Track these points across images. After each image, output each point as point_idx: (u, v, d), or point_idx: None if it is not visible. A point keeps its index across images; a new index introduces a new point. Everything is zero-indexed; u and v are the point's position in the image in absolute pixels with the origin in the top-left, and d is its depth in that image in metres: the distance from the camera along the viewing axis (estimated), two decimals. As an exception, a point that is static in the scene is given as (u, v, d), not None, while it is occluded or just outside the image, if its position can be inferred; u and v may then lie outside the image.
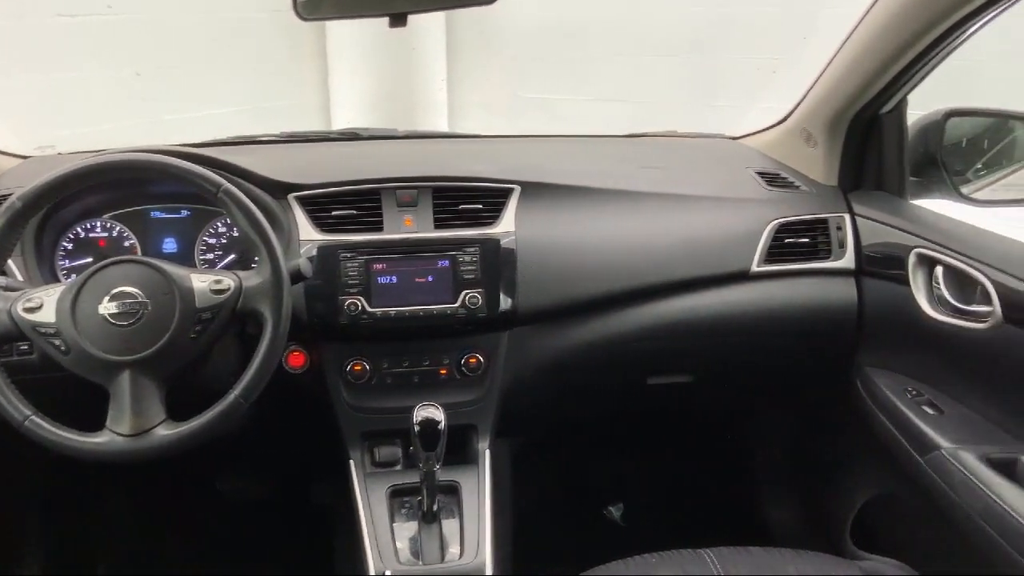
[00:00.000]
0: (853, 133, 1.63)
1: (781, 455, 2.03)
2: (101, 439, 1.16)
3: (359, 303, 1.40)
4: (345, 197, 1.46)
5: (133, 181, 1.41)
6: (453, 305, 1.43)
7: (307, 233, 1.42)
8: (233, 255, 1.52)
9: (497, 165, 1.58)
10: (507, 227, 1.47)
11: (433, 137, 1.98)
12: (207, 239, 1.51)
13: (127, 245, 1.50)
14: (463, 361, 1.48)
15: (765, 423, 2.05)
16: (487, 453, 1.50)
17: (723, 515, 2.14)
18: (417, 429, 1.24)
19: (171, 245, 1.52)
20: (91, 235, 1.50)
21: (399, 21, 1.08)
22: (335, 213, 1.45)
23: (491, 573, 1.32)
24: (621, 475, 2.21)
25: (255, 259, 1.27)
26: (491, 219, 1.47)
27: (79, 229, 1.49)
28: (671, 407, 1.85)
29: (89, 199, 1.48)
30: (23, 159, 1.68)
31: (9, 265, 1.34)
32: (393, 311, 1.41)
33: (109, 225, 1.50)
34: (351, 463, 1.47)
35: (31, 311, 1.17)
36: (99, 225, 1.49)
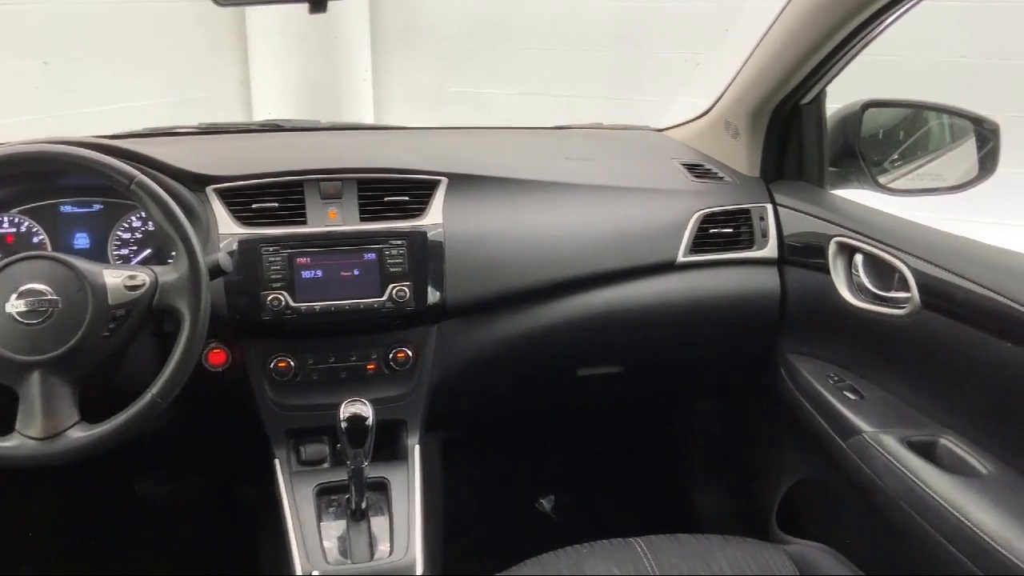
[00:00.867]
0: (774, 124, 1.65)
1: (709, 443, 2.06)
2: (10, 443, 1.12)
3: (282, 298, 1.37)
4: (266, 189, 1.42)
5: (42, 174, 1.36)
6: (380, 299, 1.40)
7: (227, 227, 1.38)
8: (149, 250, 1.46)
9: (423, 157, 1.56)
10: (434, 219, 1.45)
11: (358, 129, 1.95)
12: (121, 234, 1.45)
13: (36, 241, 1.43)
14: (391, 356, 1.45)
15: (693, 412, 2.08)
16: (417, 449, 1.48)
17: (654, 504, 2.16)
18: (344, 426, 1.22)
19: (83, 240, 1.45)
20: None
21: (319, 7, 1.05)
22: (256, 206, 1.40)
23: (421, 570, 1.30)
24: (552, 467, 2.21)
25: (172, 254, 1.23)
26: (418, 211, 1.45)
27: None
28: (601, 398, 1.85)
29: None
30: None
31: None
32: (318, 306, 1.38)
33: (17, 220, 1.43)
34: (276, 462, 1.43)
35: None
36: (6, 220, 1.42)
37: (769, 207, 1.64)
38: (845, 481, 1.38)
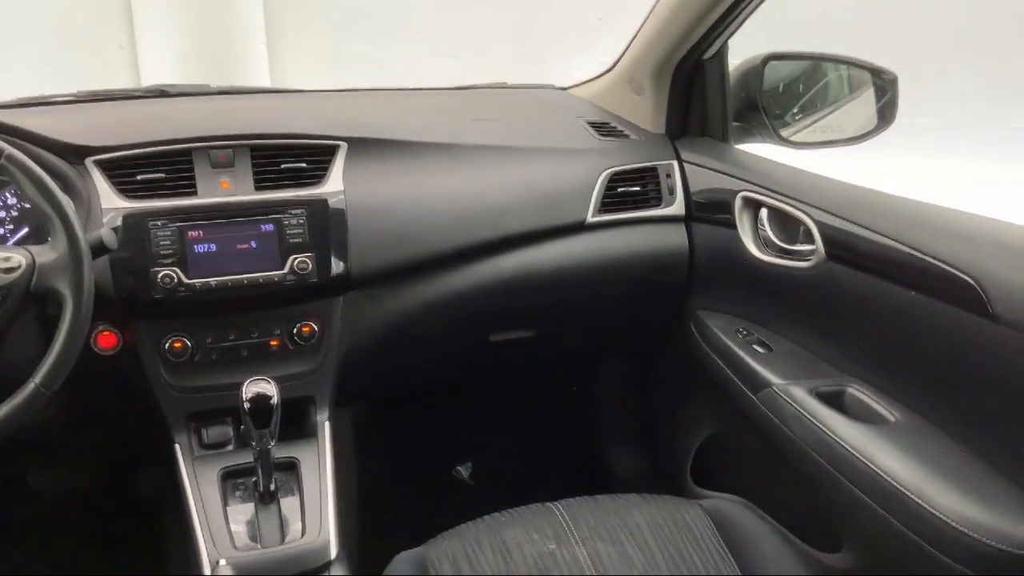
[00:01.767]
0: (677, 80, 1.65)
1: (623, 402, 2.08)
2: None
3: (174, 275, 1.29)
4: (152, 159, 1.34)
5: None
6: (281, 272, 1.34)
7: (110, 201, 1.30)
8: (26, 229, 1.36)
9: (321, 121, 1.49)
10: (335, 186, 1.39)
11: (251, 93, 1.85)
12: None
13: None
14: (295, 330, 1.40)
15: (607, 372, 2.09)
16: (327, 425, 1.44)
17: (572, 466, 2.17)
18: (247, 406, 1.17)
19: None
20: None
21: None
22: (141, 178, 1.32)
23: (336, 550, 1.27)
24: (469, 435, 2.19)
25: (51, 232, 1.15)
26: (317, 178, 1.39)
27: None
28: (516, 362, 1.84)
29: None
30: None
31: None
32: (214, 281, 1.31)
33: None
34: (177, 447, 1.37)
35: None
36: None
37: (675, 164, 1.63)
38: (757, 433, 1.40)
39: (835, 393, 1.29)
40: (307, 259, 1.35)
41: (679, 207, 1.62)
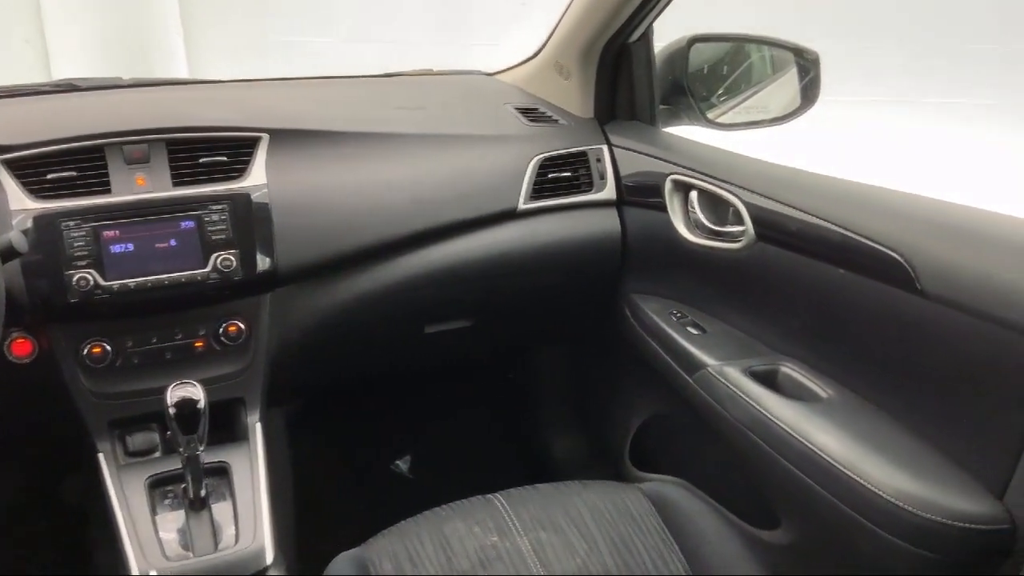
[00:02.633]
0: (604, 64, 1.64)
1: (561, 389, 2.07)
2: None
3: (90, 277, 1.23)
4: (62, 157, 1.27)
5: None
6: (204, 270, 1.29)
7: (19, 202, 1.23)
8: None
9: (241, 112, 1.45)
10: (257, 180, 1.35)
11: (166, 84, 1.78)
12: None
13: None
14: (221, 330, 1.35)
15: (545, 360, 2.08)
16: (258, 427, 1.40)
17: (512, 455, 2.16)
18: (173, 411, 1.13)
19: None
20: None
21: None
22: (51, 177, 1.26)
23: (272, 555, 1.24)
24: (407, 428, 2.17)
25: None
26: (238, 172, 1.34)
27: None
28: (452, 354, 1.82)
29: None
30: None
31: None
32: (132, 283, 1.26)
33: None
34: (100, 456, 1.32)
35: None
36: None
37: (605, 148, 1.63)
38: (694, 415, 1.40)
39: (769, 372, 1.30)
40: (231, 256, 1.31)
41: (610, 191, 1.61)
